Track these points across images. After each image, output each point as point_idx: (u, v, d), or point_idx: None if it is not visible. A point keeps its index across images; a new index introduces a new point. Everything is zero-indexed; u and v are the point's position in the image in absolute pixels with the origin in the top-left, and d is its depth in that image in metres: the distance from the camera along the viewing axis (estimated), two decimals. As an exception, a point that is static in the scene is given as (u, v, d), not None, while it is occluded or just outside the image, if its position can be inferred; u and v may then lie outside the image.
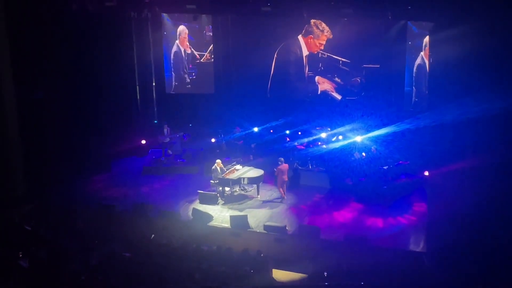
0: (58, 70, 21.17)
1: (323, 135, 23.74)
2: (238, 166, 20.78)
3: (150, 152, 25.23)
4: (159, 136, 24.64)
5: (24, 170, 20.32)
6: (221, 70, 26.65)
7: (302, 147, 23.38)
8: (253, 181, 20.04)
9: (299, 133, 24.74)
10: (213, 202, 19.40)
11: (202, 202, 19.43)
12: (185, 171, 23.20)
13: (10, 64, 19.37)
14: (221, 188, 19.87)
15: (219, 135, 25.24)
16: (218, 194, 19.78)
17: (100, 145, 23.13)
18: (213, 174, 20.10)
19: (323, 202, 19.94)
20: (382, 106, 23.63)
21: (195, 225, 17.64)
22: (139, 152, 25.13)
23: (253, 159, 22.75)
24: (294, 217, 18.50)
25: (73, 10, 21.53)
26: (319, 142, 23.50)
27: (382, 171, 20.47)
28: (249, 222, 17.44)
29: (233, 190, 20.18)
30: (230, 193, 20.08)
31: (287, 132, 24.76)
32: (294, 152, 23.06)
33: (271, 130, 25.25)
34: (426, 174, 20.19)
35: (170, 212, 18.38)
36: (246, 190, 20.59)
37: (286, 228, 17.07)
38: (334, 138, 23.49)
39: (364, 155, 21.67)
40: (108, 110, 23.82)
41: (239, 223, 17.31)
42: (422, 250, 15.95)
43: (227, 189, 20.02)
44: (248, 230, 17.22)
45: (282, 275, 15.48)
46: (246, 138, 25.06)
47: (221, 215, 18.43)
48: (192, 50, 26.37)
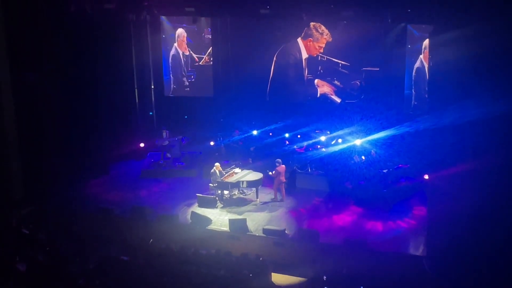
0: (57, 72, 21.10)
1: (323, 138, 23.67)
2: (237, 170, 20.74)
3: (148, 155, 25.15)
4: (158, 139, 24.56)
5: (22, 173, 20.26)
6: (220, 73, 26.58)
7: (302, 150, 23.32)
8: (252, 184, 19.99)
9: (299, 136, 24.65)
10: (212, 205, 19.34)
11: (201, 206, 19.37)
12: (183, 175, 23.12)
13: (8, 65, 19.31)
14: (220, 191, 19.81)
15: (218, 138, 25.16)
16: (217, 198, 19.72)
17: (98, 148, 23.09)
18: (212, 178, 20.05)
19: (323, 205, 19.88)
20: (381, 109, 23.56)
21: (194, 228, 17.60)
22: (138, 155, 25.09)
23: (252, 162, 22.71)
24: (293, 220, 18.43)
25: (71, 12, 21.49)
26: (319, 146, 23.44)
27: (382, 175, 20.41)
28: (248, 226, 17.39)
29: (232, 193, 20.11)
30: (229, 196, 20.01)
31: (286, 135, 24.68)
32: (294, 155, 22.99)
33: (270, 133, 25.17)
34: (426, 177, 20.08)
35: (169, 215, 18.34)
36: (245, 194, 20.52)
37: (286, 231, 17.02)
38: (334, 141, 23.41)
39: (363, 159, 21.61)
40: (106, 113, 23.78)
41: (238, 227, 17.25)
42: (422, 254, 15.90)
43: (226, 192, 19.96)
44: (247, 233, 17.18)
45: (281, 279, 15.43)
46: (245, 141, 24.99)
47: (220, 219, 18.38)
48: (191, 52, 26.32)
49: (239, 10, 23.65)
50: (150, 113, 26.89)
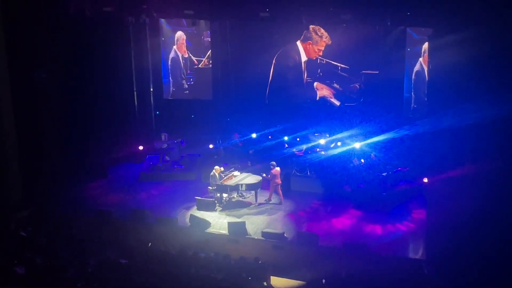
0: (56, 74, 21.08)
1: (322, 142, 23.64)
2: (236, 173, 20.72)
3: (147, 158, 25.12)
4: (157, 142, 24.51)
5: (21, 175, 20.23)
6: (219, 75, 26.53)
7: (301, 154, 23.29)
8: (251, 187, 19.97)
9: (298, 139, 24.63)
10: (211, 208, 19.31)
11: (199, 209, 19.34)
12: (182, 177, 23.08)
13: (7, 67, 19.30)
14: (219, 194, 19.79)
15: (217, 141, 25.14)
16: (216, 201, 19.70)
17: (97, 150, 23.06)
18: (211, 181, 20.01)
19: (322, 208, 19.85)
20: (381, 112, 23.50)
21: (193, 231, 17.57)
22: (137, 158, 25.04)
23: (251, 165, 22.65)
24: (292, 223, 18.41)
25: (70, 15, 21.47)
26: (318, 149, 23.41)
27: (381, 178, 20.39)
28: (247, 229, 17.38)
29: (231, 196, 20.11)
30: (228, 199, 20.00)
31: (286, 138, 24.65)
32: (293, 158, 22.97)
33: (270, 136, 25.12)
34: (425, 180, 20.10)
35: (168, 218, 18.31)
36: (244, 197, 20.51)
37: (285, 235, 16.99)
38: (333, 145, 23.39)
39: (363, 162, 21.59)
40: (105, 115, 23.75)
41: (237, 230, 17.22)
42: (421, 257, 15.88)
43: (225, 195, 19.96)
44: (246, 236, 17.15)
45: (280, 282, 15.41)
46: (244, 144, 24.96)
47: (219, 222, 18.35)
48: (190, 55, 26.29)
49: (238, 13, 23.59)
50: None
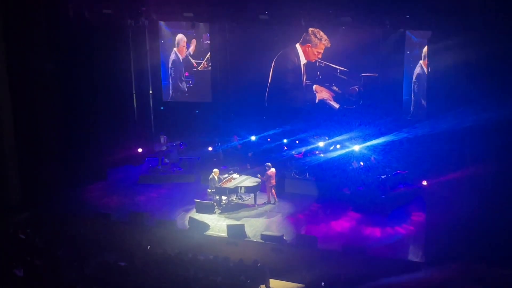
0: (55, 77, 21.07)
1: (321, 144, 23.63)
2: (235, 175, 20.70)
3: (146, 160, 25.07)
4: (156, 144, 24.49)
5: (19, 178, 20.20)
6: (218, 78, 26.54)
7: (300, 156, 23.27)
8: (250, 190, 19.96)
9: (297, 142, 24.62)
10: (210, 211, 19.30)
11: (198, 211, 19.33)
12: (181, 180, 23.07)
13: (6, 70, 19.28)
14: (218, 197, 19.77)
15: (216, 144, 25.12)
16: (215, 203, 19.68)
17: (96, 153, 23.04)
18: (210, 183, 20.00)
19: (321, 211, 19.82)
20: (380, 115, 23.51)
21: (192, 234, 17.55)
22: (136, 160, 25.00)
23: (250, 168, 22.63)
24: (291, 226, 18.39)
25: (70, 17, 21.46)
26: (317, 151, 23.40)
27: (380, 181, 20.38)
28: (246, 231, 17.35)
29: (230, 199, 20.09)
30: (227, 202, 19.97)
31: (285, 141, 24.63)
32: (292, 161, 22.95)
33: (269, 139, 25.11)
34: (425, 183, 20.08)
35: (167, 221, 18.30)
36: (243, 199, 20.48)
37: (283, 237, 16.97)
38: (332, 147, 23.38)
39: (362, 164, 21.58)
40: (104, 118, 23.73)
41: (236, 232, 17.21)
42: (420, 260, 15.84)
43: (224, 198, 19.93)
44: (245, 239, 17.12)
45: (279, 285, 15.40)
46: (243, 147, 24.95)
47: (218, 224, 18.33)
48: (189, 58, 26.29)
49: (238, 15, 23.59)
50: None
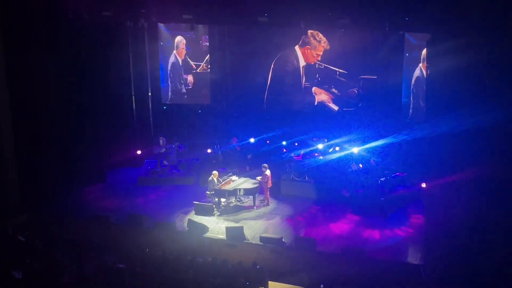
0: (54, 79, 21.06)
1: (320, 146, 23.62)
2: (234, 177, 20.71)
3: (145, 162, 25.06)
4: (155, 146, 24.47)
5: (18, 180, 20.19)
6: (217, 80, 26.55)
7: (299, 158, 23.27)
8: (249, 192, 19.95)
9: (296, 144, 24.62)
10: (209, 213, 19.28)
11: (197, 213, 19.31)
12: (180, 182, 23.04)
13: (5, 72, 19.28)
14: (217, 199, 19.77)
15: (215, 146, 25.11)
16: (214, 205, 19.67)
17: (95, 155, 23.04)
18: (209, 185, 20.00)
19: (320, 213, 19.82)
20: (379, 117, 23.53)
21: (191, 236, 17.52)
22: (135, 162, 25.01)
23: (249, 170, 22.63)
24: (290, 228, 18.38)
25: (69, 19, 21.46)
26: (316, 153, 23.40)
27: (379, 183, 20.38)
28: (245, 234, 17.32)
29: (229, 201, 20.08)
30: (226, 204, 19.97)
31: (284, 143, 24.63)
32: (291, 163, 22.93)
33: (268, 141, 25.12)
34: (424, 185, 20.10)
35: (166, 223, 18.29)
36: (242, 201, 20.47)
37: (283, 239, 16.95)
38: (331, 150, 23.37)
39: (361, 166, 21.58)
40: (103, 120, 23.74)
41: (235, 235, 17.19)
42: (419, 262, 15.83)
43: (223, 200, 19.92)
44: (244, 241, 17.09)
45: (278, 287, 15.36)
46: (242, 149, 24.95)
47: (217, 227, 18.32)
48: (188, 60, 26.29)
49: (237, 17, 23.57)
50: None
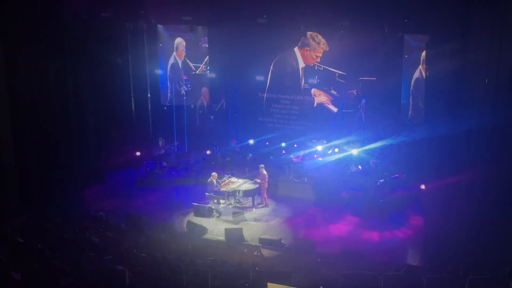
0: (53, 80, 21.03)
1: (319, 148, 23.67)
2: (234, 179, 20.72)
3: (144, 164, 25.01)
4: (154, 148, 24.47)
5: (17, 181, 20.14)
6: (216, 82, 26.56)
7: (298, 160, 23.29)
8: (248, 193, 19.98)
9: (295, 145, 24.64)
10: (208, 214, 19.27)
11: (196, 215, 19.32)
12: (180, 183, 23.06)
13: (4, 72, 19.25)
14: (216, 200, 19.76)
15: (214, 147, 25.13)
16: (213, 207, 19.66)
17: (94, 156, 22.98)
18: (208, 187, 20.00)
19: (319, 215, 19.82)
20: (378, 119, 23.54)
21: (190, 238, 17.52)
22: (134, 163, 25.01)
23: (248, 172, 22.64)
24: (289, 230, 18.39)
25: (68, 20, 21.43)
26: (315, 155, 23.42)
27: (379, 184, 20.38)
28: (244, 235, 17.31)
29: (228, 202, 20.07)
30: (225, 205, 19.96)
31: (283, 144, 24.66)
32: (290, 164, 22.95)
33: (267, 143, 25.15)
34: (423, 187, 20.10)
35: (165, 224, 18.28)
36: (241, 203, 20.46)
37: (282, 241, 16.96)
38: (330, 151, 23.41)
39: (360, 168, 21.59)
40: (102, 121, 23.71)
41: (234, 236, 17.18)
42: (418, 264, 15.82)
43: (222, 201, 19.91)
44: (243, 243, 17.08)
45: (277, 289, 15.32)
46: (242, 150, 24.96)
47: (216, 228, 18.33)
48: (187, 61, 26.29)
49: (236, 19, 23.62)
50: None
